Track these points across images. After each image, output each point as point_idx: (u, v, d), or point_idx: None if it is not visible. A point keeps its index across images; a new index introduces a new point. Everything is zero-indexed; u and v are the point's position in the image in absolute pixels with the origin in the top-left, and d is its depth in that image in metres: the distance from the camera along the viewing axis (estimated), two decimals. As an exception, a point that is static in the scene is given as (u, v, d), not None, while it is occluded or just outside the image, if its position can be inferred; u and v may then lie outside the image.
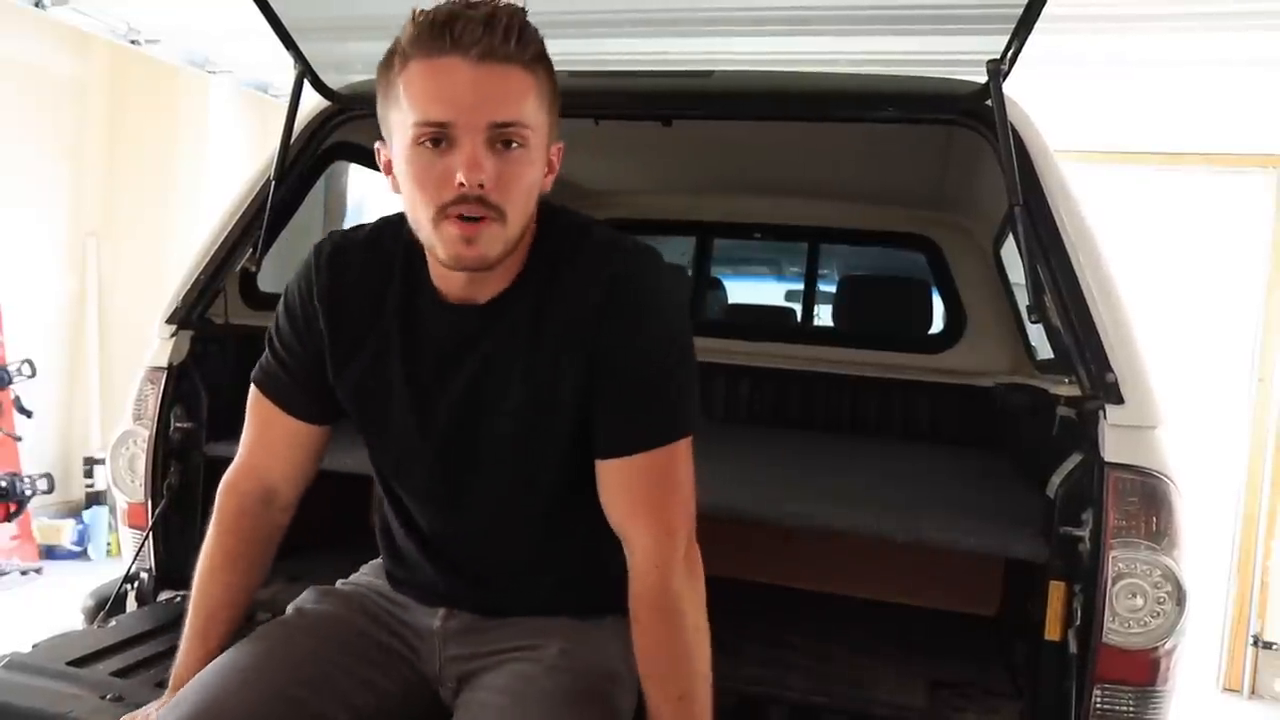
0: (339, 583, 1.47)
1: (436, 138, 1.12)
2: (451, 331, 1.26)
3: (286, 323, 1.34)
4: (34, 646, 1.62)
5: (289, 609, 1.39)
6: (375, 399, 1.31)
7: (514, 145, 1.13)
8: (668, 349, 1.24)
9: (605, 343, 1.21)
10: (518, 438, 1.26)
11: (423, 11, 1.14)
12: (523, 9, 1.15)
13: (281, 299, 1.36)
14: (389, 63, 1.17)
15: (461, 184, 1.10)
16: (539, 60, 1.16)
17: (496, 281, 1.24)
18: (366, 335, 1.29)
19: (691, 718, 1.21)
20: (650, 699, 1.22)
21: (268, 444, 1.37)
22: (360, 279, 1.30)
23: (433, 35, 1.11)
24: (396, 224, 1.31)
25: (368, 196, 4.33)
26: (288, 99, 2.05)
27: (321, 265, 1.31)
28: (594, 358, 1.22)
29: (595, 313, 1.21)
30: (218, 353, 2.08)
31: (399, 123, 1.15)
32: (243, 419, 1.42)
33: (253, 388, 1.38)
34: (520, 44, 1.12)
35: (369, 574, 1.49)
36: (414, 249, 1.26)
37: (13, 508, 4.44)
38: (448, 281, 1.25)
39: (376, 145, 1.24)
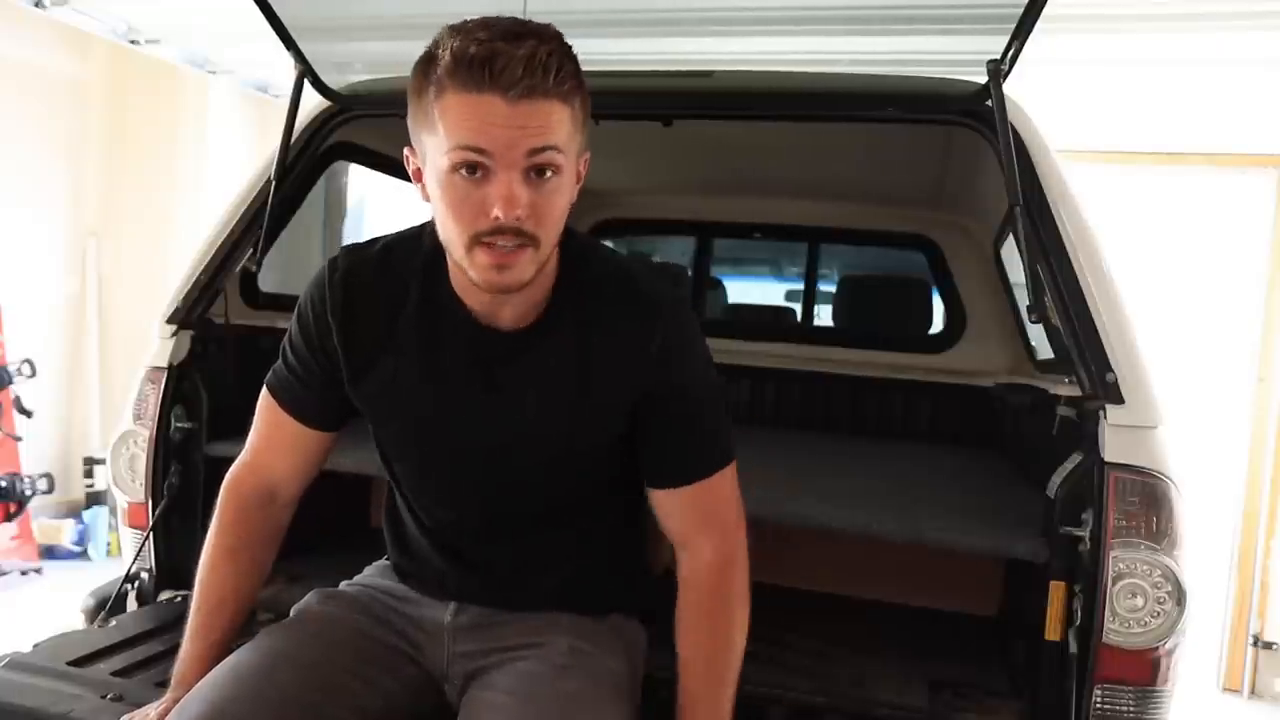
0: (343, 584, 1.48)
1: (472, 166, 1.12)
2: (479, 348, 1.28)
3: (299, 335, 1.35)
4: (34, 646, 1.62)
5: (292, 611, 1.40)
6: (395, 409, 1.32)
7: (548, 174, 1.14)
8: (709, 385, 1.33)
9: (655, 388, 1.27)
10: (545, 462, 1.31)
11: (460, 36, 1.12)
12: (559, 34, 1.14)
13: (295, 310, 1.37)
14: (422, 84, 1.15)
15: (498, 217, 1.11)
16: (576, 89, 1.16)
17: (520, 301, 1.25)
18: (383, 348, 1.30)
19: (725, 702, 1.27)
20: (687, 684, 1.28)
21: (274, 445, 1.39)
22: (374, 294, 1.30)
23: (472, 70, 1.09)
24: (411, 238, 1.34)
25: (368, 196, 4.35)
26: (288, 99, 2.05)
27: (335, 281, 1.31)
28: (641, 395, 1.28)
29: (645, 361, 1.26)
30: (218, 352, 2.08)
31: (434, 146, 1.15)
32: (244, 419, 1.43)
33: (264, 391, 1.40)
34: (559, 78, 1.12)
35: (373, 574, 1.49)
36: (433, 262, 1.28)
37: (13, 508, 4.44)
38: (472, 297, 1.26)
39: (405, 152, 1.24)
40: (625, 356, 1.26)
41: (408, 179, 1.27)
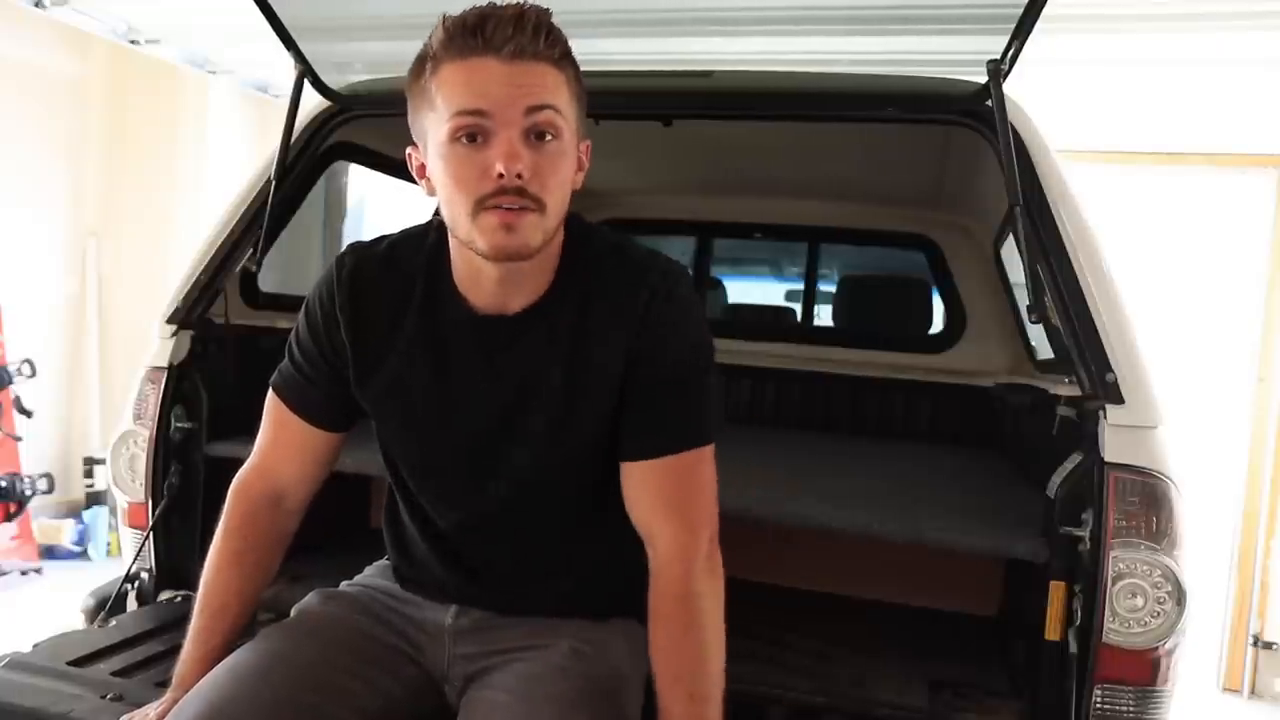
0: (343, 585, 1.48)
1: (473, 132, 1.13)
2: (482, 341, 1.27)
3: (307, 333, 1.35)
4: (34, 646, 1.62)
5: (293, 612, 1.40)
6: (400, 406, 1.32)
7: (548, 137, 1.15)
8: (697, 359, 1.28)
9: (641, 353, 1.25)
10: (547, 447, 1.29)
11: (450, 16, 1.15)
12: (548, 9, 1.16)
13: (302, 309, 1.37)
14: (419, 69, 1.18)
15: (501, 175, 1.12)
16: (566, 58, 1.18)
17: (528, 291, 1.26)
18: (390, 345, 1.30)
19: (702, 719, 1.21)
20: (662, 697, 1.22)
21: (281, 447, 1.38)
22: (381, 291, 1.31)
23: (464, 37, 1.13)
24: (417, 236, 1.34)
25: (368, 196, 4.34)
26: (288, 99, 2.05)
27: (343, 279, 1.31)
28: (629, 369, 1.25)
29: (634, 326, 1.24)
30: (218, 353, 2.08)
31: (434, 122, 1.17)
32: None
33: (270, 392, 1.39)
34: (549, 42, 1.14)
35: (374, 575, 1.49)
36: (437, 259, 1.29)
37: (13, 508, 4.44)
38: (477, 291, 1.26)
39: (408, 151, 1.25)
40: (617, 321, 1.25)
41: (408, 179, 1.27)
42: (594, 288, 1.26)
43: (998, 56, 1.72)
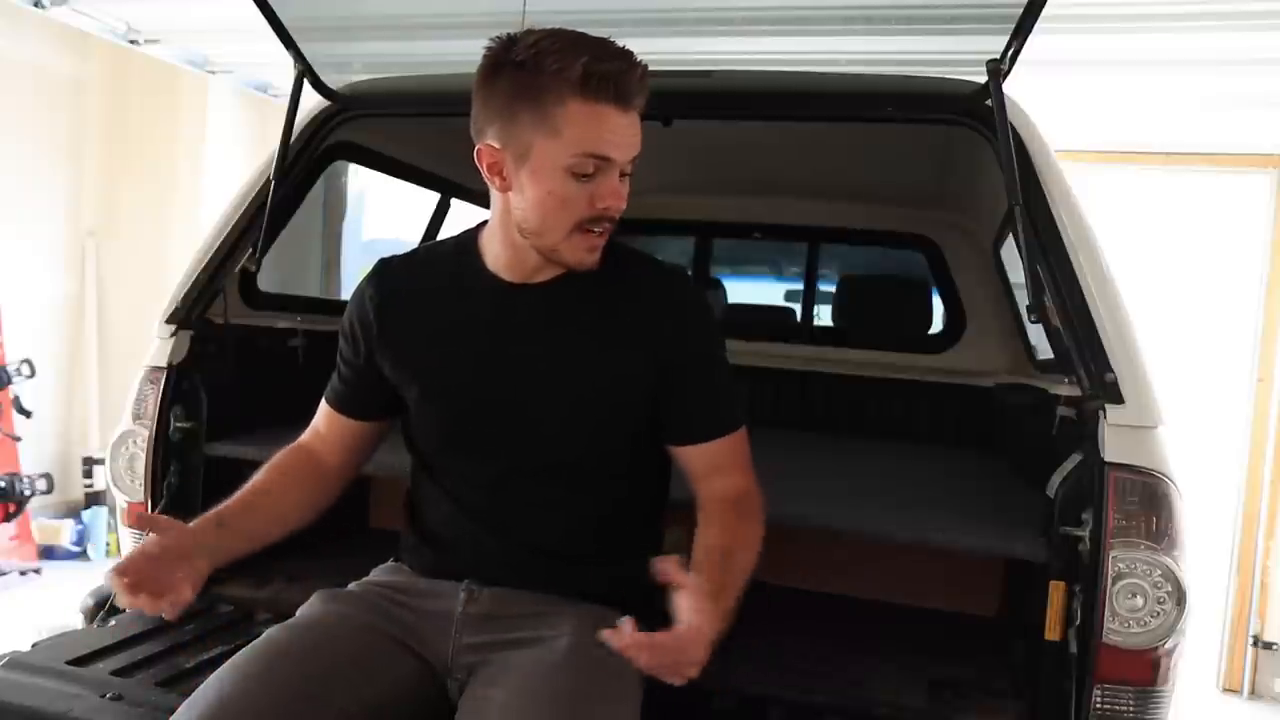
0: (350, 585, 1.49)
1: (590, 171, 1.28)
2: (512, 305, 1.40)
3: (344, 324, 1.50)
4: (34, 646, 1.62)
5: (297, 613, 1.41)
6: (431, 377, 1.43)
7: (630, 171, 1.34)
8: (723, 347, 1.47)
9: (674, 346, 1.39)
10: (575, 398, 1.39)
11: (580, 51, 1.23)
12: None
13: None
14: (537, 87, 1.24)
15: (606, 208, 1.30)
16: None
17: (557, 266, 1.38)
18: (419, 319, 1.43)
19: (731, 597, 1.26)
20: (705, 572, 1.27)
21: (318, 425, 1.55)
22: (411, 282, 1.46)
23: (599, 84, 1.24)
24: (440, 243, 1.55)
25: (367, 196, 4.34)
26: (288, 99, 2.05)
27: (379, 270, 1.48)
28: (660, 357, 1.39)
29: (661, 318, 1.40)
30: (217, 353, 2.07)
31: (552, 148, 1.27)
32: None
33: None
34: (643, 92, 1.29)
35: (379, 574, 1.51)
36: (466, 247, 1.44)
37: (12, 508, 4.44)
38: (513, 269, 1.39)
39: (479, 148, 1.33)
40: (641, 314, 1.39)
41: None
42: (620, 272, 1.41)
43: (998, 56, 1.72)
